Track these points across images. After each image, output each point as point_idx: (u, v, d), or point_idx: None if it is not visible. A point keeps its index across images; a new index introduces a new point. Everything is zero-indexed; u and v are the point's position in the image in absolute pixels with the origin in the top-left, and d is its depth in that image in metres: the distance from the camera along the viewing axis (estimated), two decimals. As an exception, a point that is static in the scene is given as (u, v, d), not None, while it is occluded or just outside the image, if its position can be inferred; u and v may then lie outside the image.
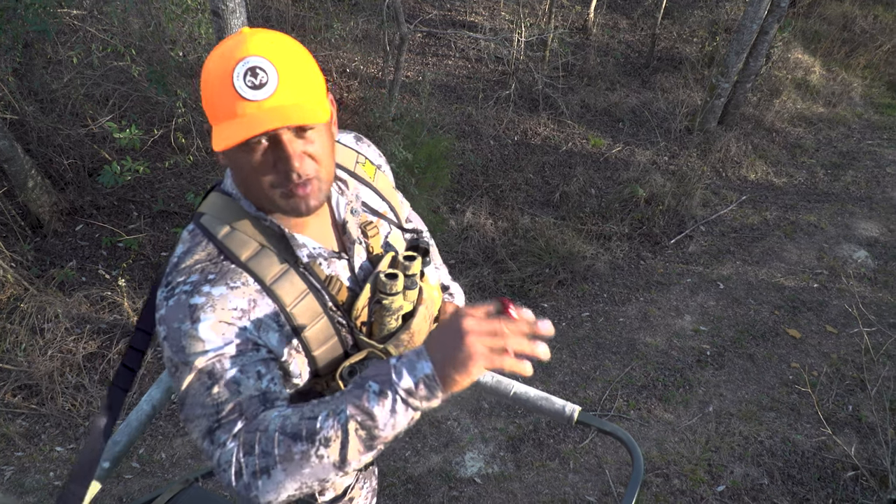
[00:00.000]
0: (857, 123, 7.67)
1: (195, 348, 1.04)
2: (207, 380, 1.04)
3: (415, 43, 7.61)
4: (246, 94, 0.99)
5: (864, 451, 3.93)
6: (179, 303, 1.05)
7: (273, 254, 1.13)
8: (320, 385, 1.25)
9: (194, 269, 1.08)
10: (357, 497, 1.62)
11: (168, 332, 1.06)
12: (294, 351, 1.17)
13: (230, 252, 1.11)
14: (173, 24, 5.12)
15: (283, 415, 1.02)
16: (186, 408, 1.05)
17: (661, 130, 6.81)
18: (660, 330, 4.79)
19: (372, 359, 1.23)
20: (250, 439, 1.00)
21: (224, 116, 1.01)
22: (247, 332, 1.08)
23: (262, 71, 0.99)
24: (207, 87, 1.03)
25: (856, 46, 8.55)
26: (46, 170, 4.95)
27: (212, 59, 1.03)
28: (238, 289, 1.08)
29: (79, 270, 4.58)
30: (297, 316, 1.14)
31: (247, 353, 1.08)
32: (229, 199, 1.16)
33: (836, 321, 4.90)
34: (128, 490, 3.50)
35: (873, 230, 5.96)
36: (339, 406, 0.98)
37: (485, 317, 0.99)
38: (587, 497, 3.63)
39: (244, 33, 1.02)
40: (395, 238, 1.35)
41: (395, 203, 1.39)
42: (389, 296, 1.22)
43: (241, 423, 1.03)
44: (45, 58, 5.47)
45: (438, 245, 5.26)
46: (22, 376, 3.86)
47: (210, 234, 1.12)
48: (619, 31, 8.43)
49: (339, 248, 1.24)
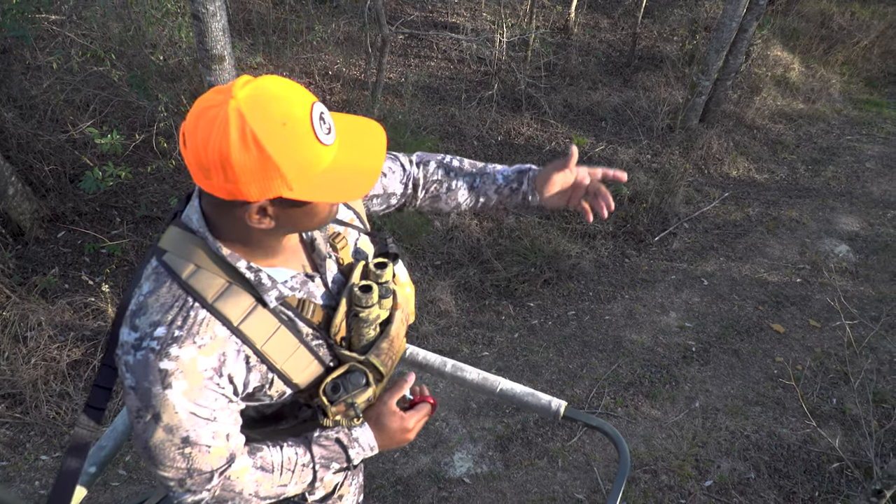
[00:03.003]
0: (836, 119, 7.75)
1: (167, 411, 1.04)
2: (179, 442, 1.08)
3: (397, 45, 7.61)
4: (326, 140, 0.98)
5: (849, 444, 3.97)
6: (149, 363, 1.02)
7: (240, 289, 1.09)
8: (303, 397, 1.26)
9: (161, 320, 1.04)
10: (346, 494, 1.64)
11: (137, 386, 1.04)
12: (271, 381, 1.17)
13: (195, 293, 1.06)
14: (153, 28, 5.09)
15: (255, 479, 1.20)
16: (152, 455, 1.09)
17: (644, 129, 6.85)
18: (645, 327, 4.81)
19: (354, 372, 1.24)
20: (224, 497, 1.18)
21: (308, 171, 0.97)
22: (219, 389, 1.08)
23: (325, 114, 1.00)
24: (276, 153, 0.93)
25: (834, 43, 8.64)
26: (27, 176, 4.90)
27: (265, 127, 0.92)
28: (206, 346, 1.05)
29: (61, 277, 4.54)
30: (270, 353, 1.13)
31: (218, 413, 1.10)
32: (192, 236, 1.09)
33: (819, 315, 4.95)
34: (115, 497, 3.47)
35: (854, 224, 6.03)
36: (307, 479, 1.27)
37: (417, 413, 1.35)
38: (576, 495, 3.64)
39: (256, 95, 0.93)
40: (364, 243, 1.34)
41: (359, 209, 1.37)
42: (366, 308, 1.22)
43: (216, 481, 1.15)
44: (24, 63, 5.42)
45: (424, 246, 5.26)
46: (5, 385, 3.82)
47: (174, 274, 1.07)
48: (600, 30, 8.48)
49: (311, 266, 1.22)
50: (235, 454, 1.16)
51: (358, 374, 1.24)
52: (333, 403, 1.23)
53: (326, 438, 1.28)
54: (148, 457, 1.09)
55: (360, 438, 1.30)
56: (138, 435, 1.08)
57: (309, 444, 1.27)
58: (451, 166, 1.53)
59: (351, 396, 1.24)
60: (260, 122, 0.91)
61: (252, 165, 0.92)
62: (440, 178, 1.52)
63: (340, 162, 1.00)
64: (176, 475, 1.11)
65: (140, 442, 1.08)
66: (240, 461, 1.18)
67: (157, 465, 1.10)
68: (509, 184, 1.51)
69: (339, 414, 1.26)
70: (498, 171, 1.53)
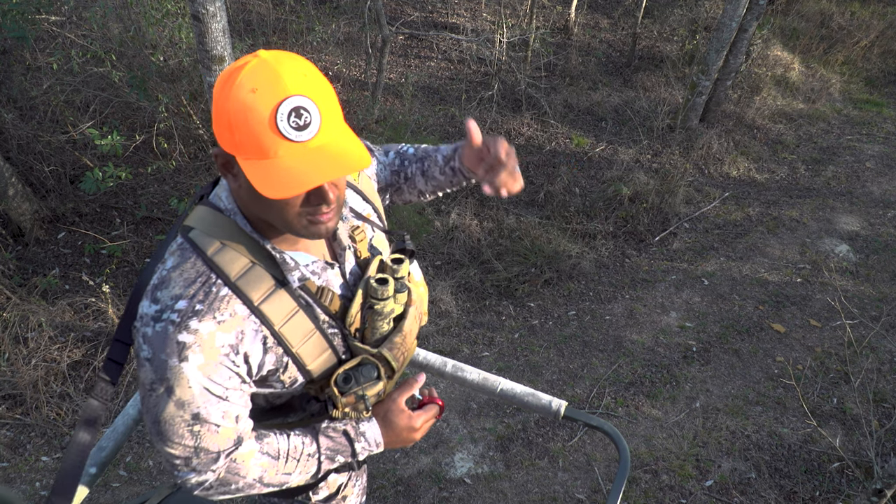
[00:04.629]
0: (836, 119, 7.75)
1: (181, 384, 1.05)
2: (189, 418, 1.08)
3: (397, 45, 7.61)
4: (291, 135, 0.96)
5: (850, 443, 3.97)
6: (167, 335, 1.04)
7: (263, 270, 1.12)
8: (314, 389, 1.26)
9: (183, 294, 1.06)
10: (350, 495, 1.63)
11: (153, 358, 1.05)
12: (285, 365, 1.17)
13: (219, 270, 1.09)
14: (153, 29, 5.09)
15: (260, 465, 1.20)
16: (161, 430, 1.09)
17: (644, 129, 6.85)
18: (646, 327, 4.81)
19: (366, 364, 1.25)
20: (228, 479, 1.18)
21: (260, 154, 0.97)
22: (234, 367, 1.10)
23: (305, 111, 0.96)
24: (237, 120, 0.97)
25: (834, 43, 8.64)
26: (27, 177, 4.90)
27: (238, 91, 0.96)
28: (225, 322, 1.07)
29: (62, 278, 4.54)
30: (287, 335, 1.14)
31: (230, 393, 1.11)
32: (220, 215, 1.13)
33: (819, 315, 4.95)
34: (115, 498, 3.47)
35: (854, 224, 6.03)
36: (311, 470, 1.27)
37: (425, 413, 1.37)
38: (577, 495, 3.64)
39: (269, 62, 0.97)
40: (379, 240, 1.35)
41: (378, 204, 1.39)
42: (381, 301, 1.22)
43: (221, 462, 1.16)
44: (24, 64, 5.42)
45: (424, 246, 5.26)
46: (6, 386, 3.82)
47: (199, 250, 1.10)
48: (600, 30, 8.48)
49: (331, 256, 1.24)
50: (243, 437, 1.17)
51: (370, 366, 1.25)
52: (344, 395, 1.24)
53: (334, 430, 1.29)
54: (157, 432, 1.10)
55: (367, 433, 1.31)
56: (149, 409, 1.09)
57: (316, 434, 1.28)
58: (405, 154, 1.52)
59: (362, 388, 1.25)
60: (245, 77, 0.96)
61: (218, 106, 0.99)
62: (397, 168, 1.52)
63: (287, 161, 0.97)
64: (183, 453, 1.11)
65: (150, 416, 1.09)
66: (247, 445, 1.19)
67: (164, 441, 1.10)
68: (448, 163, 1.47)
69: (349, 406, 1.27)
70: (440, 152, 1.49)
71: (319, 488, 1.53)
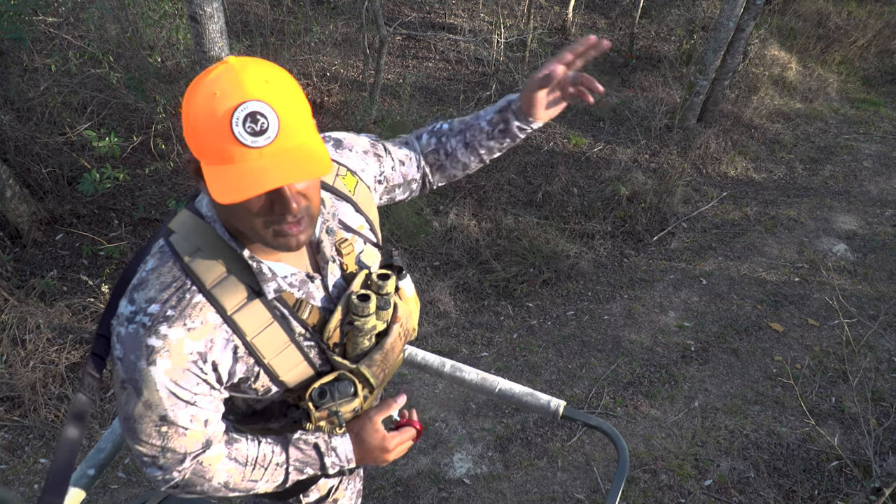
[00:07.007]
0: (833, 118, 7.76)
1: (148, 387, 1.06)
2: (157, 419, 1.09)
3: (394, 46, 7.61)
4: (246, 140, 0.94)
5: (848, 442, 3.98)
6: (138, 337, 1.05)
7: (238, 281, 1.11)
8: (291, 398, 1.26)
9: (157, 298, 1.06)
10: (341, 498, 1.62)
11: (123, 358, 1.06)
12: (256, 375, 1.17)
13: (195, 276, 1.08)
14: (151, 30, 5.09)
15: (227, 469, 1.21)
16: (130, 427, 1.11)
17: (642, 129, 6.86)
18: (644, 327, 4.81)
19: (343, 380, 1.24)
20: (193, 481, 1.19)
21: (219, 160, 0.96)
22: (201, 374, 1.10)
23: (262, 117, 0.94)
24: (199, 125, 0.96)
25: (831, 42, 8.65)
26: (24, 179, 4.89)
27: (201, 96, 0.96)
28: (195, 330, 1.07)
29: (60, 280, 4.53)
30: (259, 346, 1.13)
31: (199, 398, 1.11)
32: (201, 221, 1.12)
33: (817, 314, 4.96)
34: (114, 500, 3.47)
35: (852, 223, 6.04)
36: (278, 479, 1.27)
37: (400, 434, 1.36)
38: (576, 495, 3.64)
39: (234, 67, 0.96)
40: (369, 254, 1.32)
41: (372, 216, 1.35)
42: (362, 317, 1.21)
43: (187, 464, 1.16)
44: (21, 66, 5.41)
45: (423, 247, 5.26)
46: (4, 388, 3.81)
47: (177, 255, 1.09)
48: (597, 30, 8.48)
49: (313, 267, 1.22)
50: (212, 441, 1.18)
51: (346, 382, 1.24)
52: (318, 409, 1.23)
53: (305, 442, 1.28)
54: (127, 429, 1.11)
55: (339, 448, 1.30)
56: (120, 406, 1.10)
57: (287, 444, 1.27)
58: (441, 131, 1.49)
59: (337, 405, 1.24)
60: (209, 82, 0.96)
61: (184, 112, 0.99)
62: (435, 147, 1.48)
63: (242, 166, 0.95)
64: (150, 451, 1.13)
65: (121, 413, 1.11)
66: (215, 449, 1.19)
67: (133, 438, 1.12)
68: (495, 127, 1.44)
69: (323, 420, 1.26)
70: (482, 119, 1.47)
71: (310, 491, 1.52)
